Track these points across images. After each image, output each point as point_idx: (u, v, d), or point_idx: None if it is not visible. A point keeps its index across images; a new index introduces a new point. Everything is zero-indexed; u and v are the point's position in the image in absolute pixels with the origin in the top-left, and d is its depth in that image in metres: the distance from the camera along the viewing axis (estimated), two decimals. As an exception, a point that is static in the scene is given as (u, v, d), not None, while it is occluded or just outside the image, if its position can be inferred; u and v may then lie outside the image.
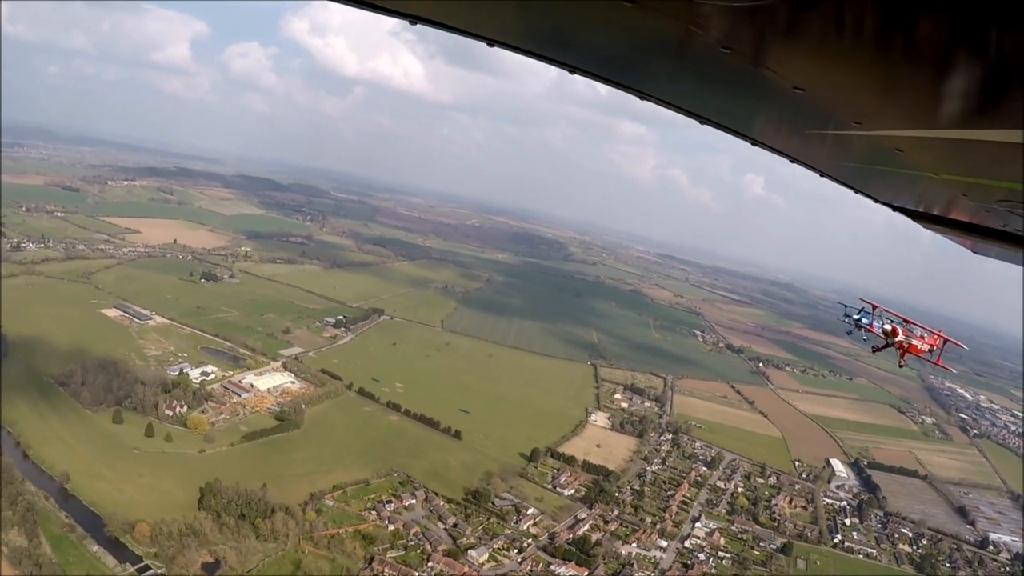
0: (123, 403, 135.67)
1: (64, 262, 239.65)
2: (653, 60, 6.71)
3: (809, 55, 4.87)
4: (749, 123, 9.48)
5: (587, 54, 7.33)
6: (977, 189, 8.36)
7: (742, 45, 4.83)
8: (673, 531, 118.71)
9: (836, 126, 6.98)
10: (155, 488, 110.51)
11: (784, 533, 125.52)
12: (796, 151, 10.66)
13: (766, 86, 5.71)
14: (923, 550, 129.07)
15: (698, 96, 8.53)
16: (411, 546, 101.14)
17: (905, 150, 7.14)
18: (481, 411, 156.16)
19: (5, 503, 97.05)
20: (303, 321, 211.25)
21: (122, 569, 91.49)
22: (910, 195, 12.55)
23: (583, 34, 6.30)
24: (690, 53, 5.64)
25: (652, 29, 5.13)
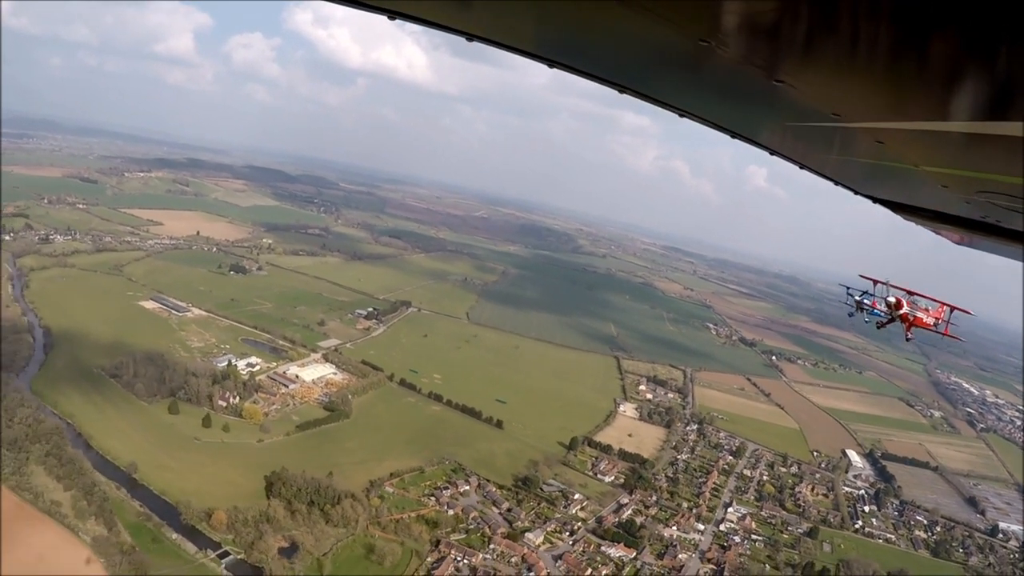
0: (176, 394, 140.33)
1: (93, 254, 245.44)
2: (632, 53, 6.69)
3: (787, 48, 4.99)
4: (729, 116, 9.62)
5: (566, 48, 7.46)
6: (957, 180, 8.38)
7: (720, 38, 4.88)
8: (708, 515, 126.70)
9: (815, 118, 7.02)
10: (221, 477, 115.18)
11: (809, 518, 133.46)
12: (776, 143, 10.83)
13: (745, 79, 5.85)
14: (938, 536, 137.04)
15: (677, 89, 8.64)
16: (471, 530, 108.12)
17: (885, 142, 7.25)
18: (516, 401, 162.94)
19: (80, 493, 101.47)
20: (335, 313, 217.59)
21: (203, 555, 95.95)
22: (891, 187, 12.69)
23: (561, 28, 6.42)
24: (668, 47, 5.74)
25: (631, 23, 5.17)
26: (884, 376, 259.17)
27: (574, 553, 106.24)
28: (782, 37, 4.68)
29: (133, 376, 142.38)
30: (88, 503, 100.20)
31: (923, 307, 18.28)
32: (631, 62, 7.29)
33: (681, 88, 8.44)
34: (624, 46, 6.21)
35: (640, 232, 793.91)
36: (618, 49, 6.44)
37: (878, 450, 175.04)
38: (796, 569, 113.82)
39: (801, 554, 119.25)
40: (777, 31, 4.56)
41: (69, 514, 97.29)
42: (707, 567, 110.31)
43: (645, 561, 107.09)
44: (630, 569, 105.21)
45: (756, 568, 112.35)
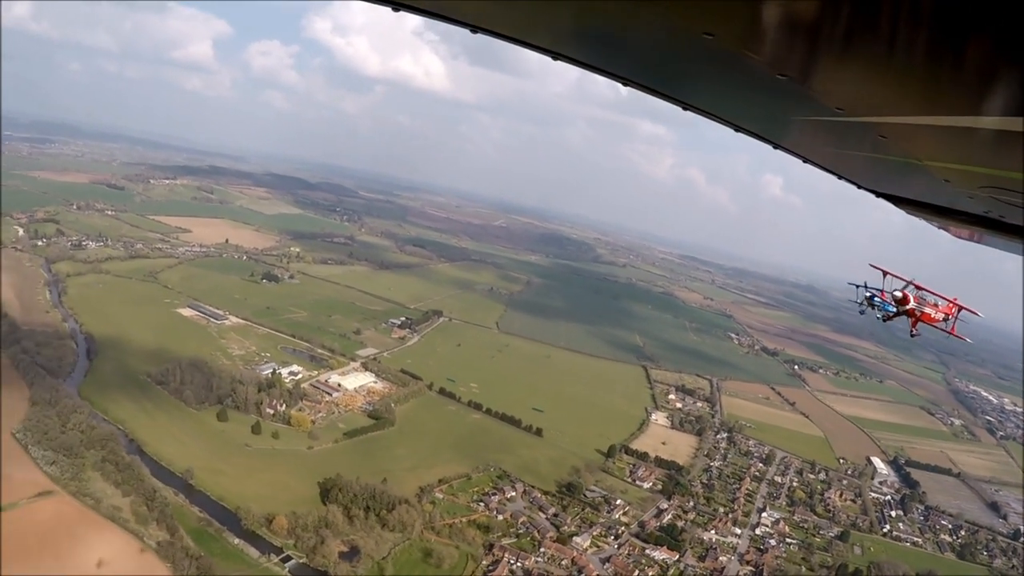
0: (224, 402, 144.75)
1: (126, 261, 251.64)
2: (635, 45, 6.58)
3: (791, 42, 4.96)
4: (732, 109, 9.60)
5: (570, 40, 7.46)
6: (960, 175, 8.31)
7: (724, 31, 4.87)
8: (744, 520, 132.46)
9: (819, 112, 6.93)
10: (275, 483, 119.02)
11: (839, 523, 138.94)
12: (779, 137, 10.82)
13: (749, 72, 5.85)
14: (962, 540, 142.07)
15: (681, 83, 8.64)
16: (521, 534, 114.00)
17: (888, 136, 7.22)
18: (552, 410, 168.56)
19: (140, 499, 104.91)
20: (369, 322, 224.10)
21: (266, 559, 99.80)
22: (894, 181, 12.65)
23: (565, 20, 6.40)
24: (672, 39, 5.74)
25: (634, 14, 5.16)
26: (904, 385, 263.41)
27: (620, 556, 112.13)
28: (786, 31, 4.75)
29: (180, 383, 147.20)
30: (148, 508, 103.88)
31: (931, 303, 18.12)
32: (635, 55, 7.40)
33: (685, 81, 8.59)
34: (628, 39, 6.32)
35: (656, 241, 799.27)
36: (622, 42, 6.53)
37: (902, 457, 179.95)
38: (830, 570, 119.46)
39: (834, 556, 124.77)
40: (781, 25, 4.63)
41: (130, 519, 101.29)
42: (746, 569, 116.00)
43: (688, 563, 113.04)
44: (674, 571, 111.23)
45: (793, 570, 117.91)
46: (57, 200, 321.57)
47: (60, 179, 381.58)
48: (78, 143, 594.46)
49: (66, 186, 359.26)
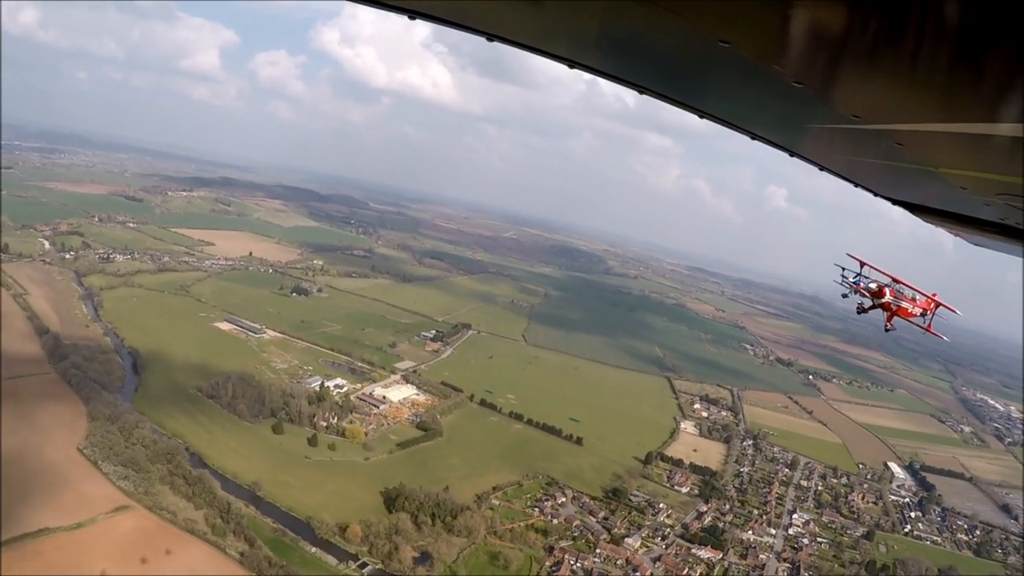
0: (277, 415, 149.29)
1: (156, 274, 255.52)
2: (651, 53, 6.72)
3: (808, 49, 4.97)
4: (748, 117, 9.70)
5: (585, 48, 7.46)
6: (976, 182, 8.30)
7: (740, 39, 4.92)
8: (776, 521, 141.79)
9: (835, 120, 6.99)
10: (339, 493, 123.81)
11: (864, 523, 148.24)
12: (795, 145, 10.92)
13: (765, 80, 5.90)
14: (978, 539, 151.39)
15: (697, 90, 8.73)
16: (576, 536, 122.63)
17: (904, 144, 7.24)
18: (587, 420, 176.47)
19: (213, 512, 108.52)
20: (402, 335, 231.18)
21: (344, 566, 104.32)
22: (910, 189, 12.67)
23: (581, 28, 6.44)
24: (689, 47, 5.77)
25: (650, 22, 5.15)
26: (914, 394, 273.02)
27: (669, 555, 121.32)
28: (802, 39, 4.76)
29: (232, 397, 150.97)
30: (223, 520, 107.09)
31: (908, 297, 17.82)
32: (651, 62, 7.46)
33: (701, 89, 8.60)
34: (644, 46, 6.40)
35: (663, 252, 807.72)
36: (638, 49, 6.59)
37: (916, 462, 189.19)
38: (860, 567, 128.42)
39: (862, 554, 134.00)
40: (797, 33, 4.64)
41: (207, 532, 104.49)
42: (784, 566, 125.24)
43: (731, 561, 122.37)
44: (719, 569, 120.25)
45: (827, 567, 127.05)
46: (78, 212, 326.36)
47: (77, 191, 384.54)
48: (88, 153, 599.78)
49: (84, 198, 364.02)
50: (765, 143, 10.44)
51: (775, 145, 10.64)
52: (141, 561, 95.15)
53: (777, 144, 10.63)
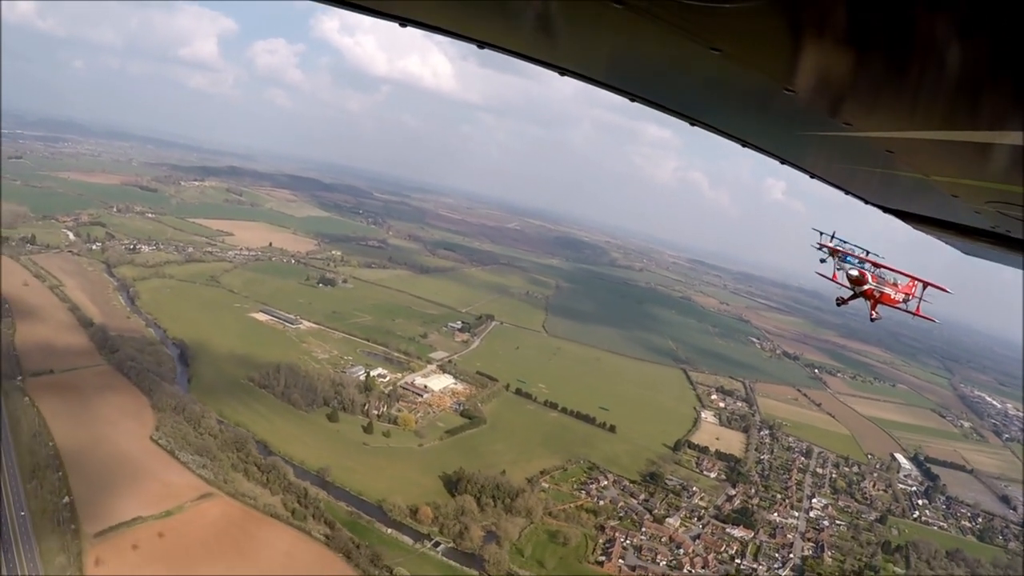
0: (330, 404, 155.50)
1: (183, 265, 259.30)
2: (642, 61, 6.77)
3: (799, 57, 4.99)
4: (739, 124, 9.69)
5: (576, 55, 7.47)
6: (967, 190, 8.36)
7: (731, 46, 4.90)
8: (798, 504, 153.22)
9: (826, 127, 7.00)
10: (401, 477, 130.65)
11: (876, 509, 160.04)
12: (786, 152, 10.91)
13: (756, 87, 6.01)
14: (981, 526, 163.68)
15: (688, 97, 8.72)
16: (623, 516, 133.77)
17: (895, 151, 7.26)
18: (615, 408, 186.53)
19: (292, 498, 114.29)
20: (430, 326, 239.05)
21: (420, 546, 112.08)
22: (901, 196, 12.70)
23: (572, 35, 6.42)
24: (679, 54, 5.73)
25: (641, 30, 5.14)
26: (914, 389, 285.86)
27: (706, 534, 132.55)
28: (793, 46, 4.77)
29: (285, 387, 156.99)
30: (301, 505, 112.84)
31: (890, 281, 16.90)
32: (642, 70, 7.50)
33: (692, 96, 8.56)
34: (635, 54, 6.42)
35: (662, 244, 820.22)
36: (629, 57, 6.66)
37: (921, 454, 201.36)
38: (877, 547, 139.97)
39: (876, 536, 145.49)
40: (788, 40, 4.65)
41: (288, 516, 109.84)
42: (808, 544, 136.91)
43: (762, 540, 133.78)
44: (752, 547, 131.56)
45: (847, 546, 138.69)
46: (95, 203, 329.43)
47: (90, 180, 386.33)
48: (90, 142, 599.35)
49: (99, 188, 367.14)
50: (756, 151, 10.58)
51: (766, 153, 10.79)
52: (236, 547, 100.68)
53: (768, 152, 10.79)
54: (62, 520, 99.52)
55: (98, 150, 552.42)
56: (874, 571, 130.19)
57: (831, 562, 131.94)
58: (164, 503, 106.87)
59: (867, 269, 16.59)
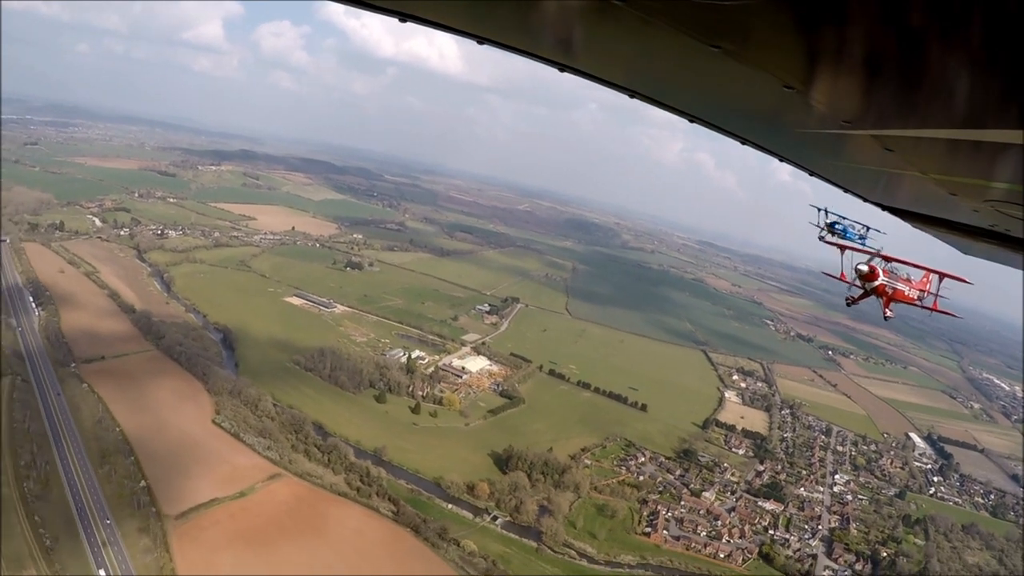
0: (376, 385, 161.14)
1: (212, 250, 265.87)
2: (642, 58, 6.72)
3: (799, 54, 5.02)
4: (738, 122, 9.74)
5: (575, 52, 7.54)
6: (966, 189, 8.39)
7: (731, 44, 4.90)
8: (822, 480, 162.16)
9: (826, 125, 7.01)
10: (453, 455, 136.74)
11: (895, 485, 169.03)
12: (785, 150, 10.99)
13: (755, 85, 5.96)
14: (993, 502, 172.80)
15: (687, 94, 8.77)
16: (662, 491, 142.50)
17: (895, 150, 7.27)
18: (643, 388, 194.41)
19: (355, 477, 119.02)
20: (458, 309, 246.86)
21: (480, 520, 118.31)
22: (900, 195, 12.73)
23: (572, 33, 6.52)
24: (679, 51, 5.71)
25: (640, 27, 5.12)
26: (925, 371, 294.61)
27: (740, 506, 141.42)
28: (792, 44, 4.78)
29: (331, 370, 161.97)
30: (363, 483, 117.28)
31: (903, 276, 15.65)
32: (642, 68, 7.47)
33: (691, 94, 8.62)
34: (635, 52, 6.37)
35: (669, 225, 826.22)
36: (629, 55, 6.62)
37: (934, 434, 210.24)
38: (898, 520, 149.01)
39: (897, 510, 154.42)
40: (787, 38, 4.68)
41: (352, 494, 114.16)
42: (835, 516, 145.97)
43: (792, 512, 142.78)
44: (783, 518, 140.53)
45: (870, 519, 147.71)
46: (116, 188, 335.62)
47: (107, 165, 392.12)
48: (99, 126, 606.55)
49: (117, 173, 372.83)
50: (756, 148, 10.49)
51: (765, 150, 10.65)
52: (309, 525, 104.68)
53: (767, 149, 10.66)
54: (141, 503, 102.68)
55: (108, 135, 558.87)
56: (896, 542, 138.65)
57: (856, 534, 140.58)
58: (236, 484, 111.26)
59: (876, 263, 15.33)
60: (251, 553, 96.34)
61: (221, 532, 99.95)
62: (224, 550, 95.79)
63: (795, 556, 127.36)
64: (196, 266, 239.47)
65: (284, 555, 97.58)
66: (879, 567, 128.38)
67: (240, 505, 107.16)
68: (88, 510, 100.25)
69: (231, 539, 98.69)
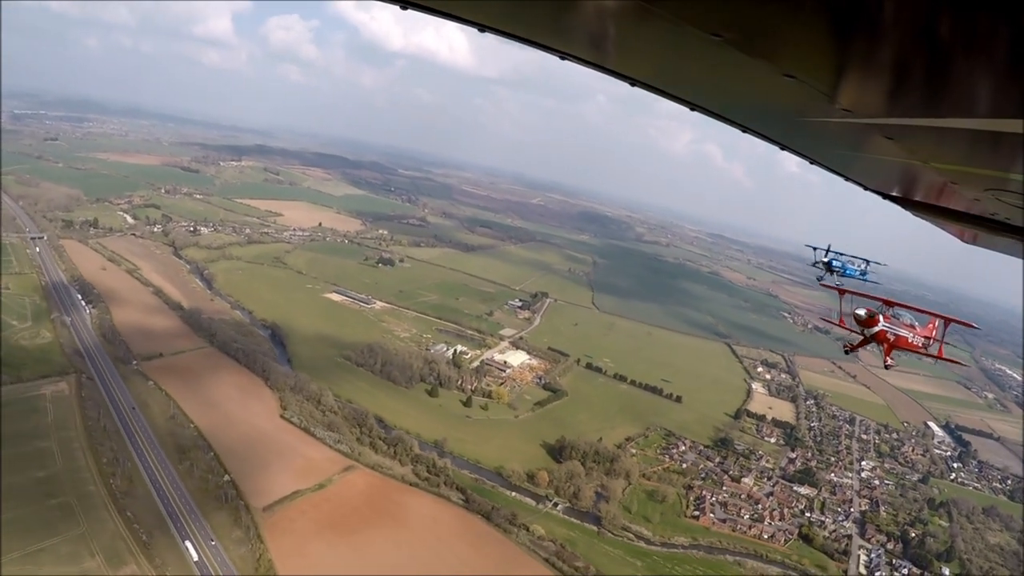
0: (426, 379, 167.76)
1: (245, 246, 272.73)
2: (643, 47, 6.76)
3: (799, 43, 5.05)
4: (739, 110, 9.83)
5: (577, 40, 7.54)
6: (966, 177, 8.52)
7: (732, 32, 4.93)
8: (850, 466, 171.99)
9: (826, 114, 7.01)
10: (508, 446, 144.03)
11: (918, 470, 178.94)
12: (786, 138, 11.04)
13: (756, 73, 5.99)
14: (1010, 487, 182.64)
15: (688, 82, 8.81)
16: (705, 477, 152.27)
17: (895, 138, 7.34)
18: (674, 380, 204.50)
19: (422, 468, 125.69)
20: (492, 304, 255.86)
21: (543, 506, 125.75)
22: (901, 183, 12.79)
23: (573, 20, 6.52)
24: (680, 40, 5.74)
25: (642, 16, 5.19)
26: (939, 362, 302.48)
27: (777, 491, 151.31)
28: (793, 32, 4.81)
29: (383, 365, 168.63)
30: (431, 473, 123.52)
31: (906, 321, 15.43)
32: (643, 56, 7.51)
33: (692, 82, 8.64)
34: (636, 40, 6.45)
35: (680, 217, 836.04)
36: (630, 43, 6.69)
37: (951, 423, 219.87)
38: (923, 503, 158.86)
39: (921, 494, 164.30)
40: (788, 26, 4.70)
41: (421, 484, 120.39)
42: (865, 500, 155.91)
43: (825, 496, 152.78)
44: (817, 502, 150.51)
45: (898, 502, 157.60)
46: (142, 184, 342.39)
47: (129, 161, 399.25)
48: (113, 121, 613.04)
49: (141, 169, 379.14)
50: (757, 136, 10.73)
51: (766, 138, 10.92)
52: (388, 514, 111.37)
53: (768, 138, 10.92)
54: (228, 497, 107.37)
55: (123, 130, 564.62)
56: (923, 524, 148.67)
57: (886, 516, 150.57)
58: (314, 477, 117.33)
59: (878, 308, 14.71)
60: (341, 541, 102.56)
61: (309, 522, 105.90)
62: (315, 539, 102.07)
63: (832, 536, 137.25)
64: (233, 263, 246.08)
65: (371, 542, 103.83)
66: (909, 546, 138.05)
67: (321, 496, 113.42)
68: (174, 504, 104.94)
69: (319, 528, 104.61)
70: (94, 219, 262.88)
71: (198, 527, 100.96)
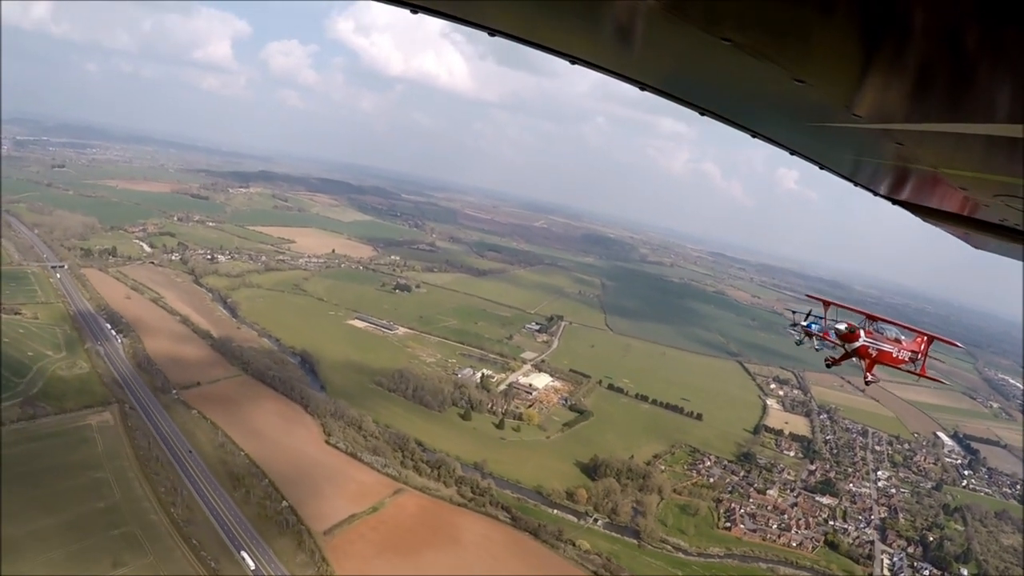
0: (458, 404, 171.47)
1: (264, 274, 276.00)
2: (653, 51, 6.76)
3: (809, 48, 5.06)
4: (749, 115, 9.85)
5: (586, 44, 7.61)
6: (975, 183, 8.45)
7: (742, 37, 4.94)
8: (867, 476, 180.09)
9: (836, 119, 7.05)
10: (543, 466, 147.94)
11: (931, 479, 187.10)
12: (796, 143, 11.05)
13: (766, 78, 5.95)
14: (1020, 491, 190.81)
15: (698, 87, 8.81)
16: (732, 491, 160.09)
17: (904, 144, 7.33)
18: (693, 399, 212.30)
19: (466, 489, 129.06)
20: (510, 328, 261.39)
21: (584, 522, 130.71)
22: (910, 189, 12.72)
23: (582, 25, 6.51)
24: (689, 44, 5.81)
25: (651, 19, 5.22)
26: (943, 374, 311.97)
27: (800, 501, 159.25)
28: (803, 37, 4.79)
29: (415, 390, 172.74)
30: (475, 494, 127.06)
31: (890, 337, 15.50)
32: (652, 60, 7.49)
33: (702, 86, 8.61)
34: (645, 44, 6.46)
35: (681, 237, 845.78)
36: (639, 47, 6.70)
37: (959, 432, 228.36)
38: (939, 509, 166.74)
39: (936, 501, 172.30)
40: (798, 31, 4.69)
41: (469, 504, 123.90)
42: (883, 508, 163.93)
43: (846, 505, 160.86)
44: (839, 511, 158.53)
45: (915, 508, 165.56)
46: (154, 212, 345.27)
47: (138, 188, 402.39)
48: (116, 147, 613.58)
49: (151, 196, 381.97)
50: (766, 141, 10.75)
51: (776, 143, 10.90)
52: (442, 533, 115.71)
53: (778, 143, 10.88)
54: (288, 523, 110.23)
55: (127, 156, 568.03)
56: (940, 528, 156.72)
57: (904, 522, 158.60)
58: (367, 500, 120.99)
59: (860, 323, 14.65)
60: (402, 561, 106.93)
61: (368, 544, 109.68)
62: (377, 560, 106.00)
63: (855, 543, 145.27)
64: (254, 290, 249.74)
65: (431, 562, 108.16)
66: (929, 550, 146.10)
67: (376, 519, 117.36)
68: (235, 532, 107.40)
69: (379, 550, 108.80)
70: (112, 247, 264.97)
71: (261, 552, 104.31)
